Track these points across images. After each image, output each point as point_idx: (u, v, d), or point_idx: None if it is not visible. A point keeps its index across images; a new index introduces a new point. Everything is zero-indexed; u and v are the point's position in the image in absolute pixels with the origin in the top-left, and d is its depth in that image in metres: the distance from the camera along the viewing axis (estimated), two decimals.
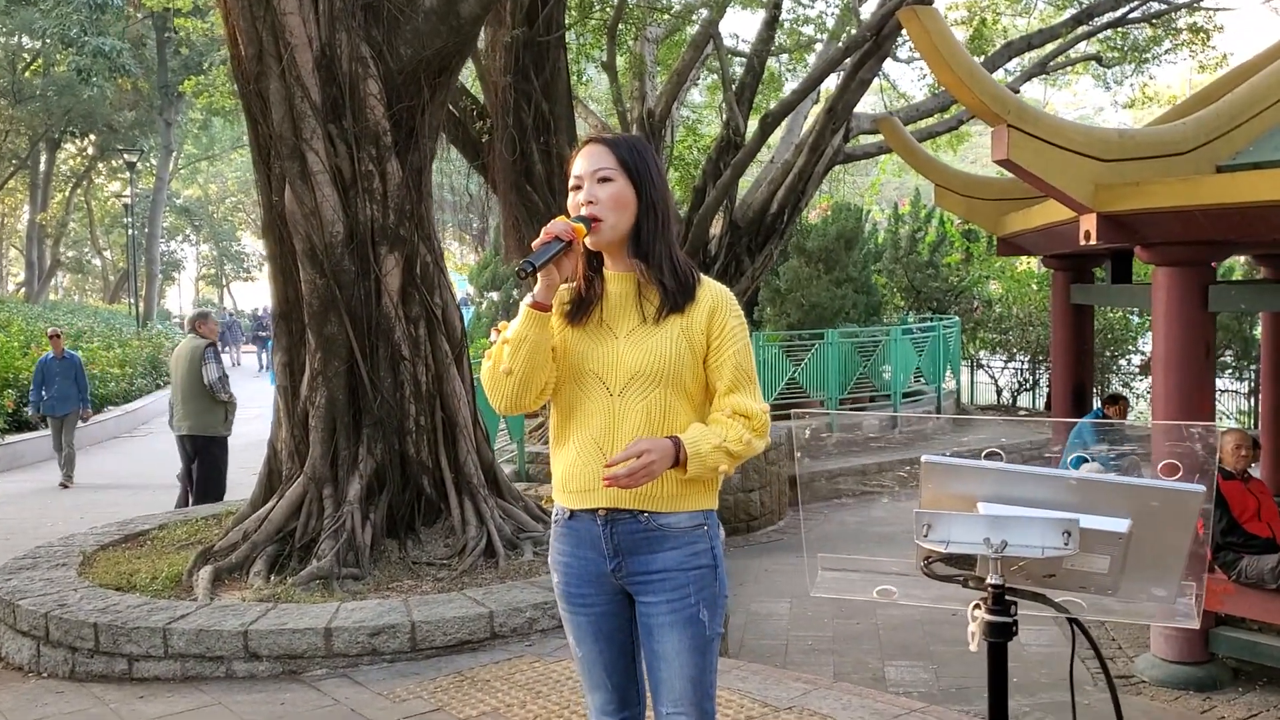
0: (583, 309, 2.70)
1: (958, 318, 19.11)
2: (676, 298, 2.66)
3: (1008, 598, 1.91)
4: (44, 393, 14.10)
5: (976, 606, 1.94)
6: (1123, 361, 18.47)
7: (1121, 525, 1.88)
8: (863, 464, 13.61)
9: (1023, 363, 19.71)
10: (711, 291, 2.71)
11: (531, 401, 2.67)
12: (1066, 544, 1.86)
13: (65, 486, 13.67)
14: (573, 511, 2.70)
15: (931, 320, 18.33)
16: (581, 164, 2.71)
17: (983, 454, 2.05)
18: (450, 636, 5.51)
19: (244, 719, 4.86)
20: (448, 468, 6.88)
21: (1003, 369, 20.23)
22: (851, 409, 15.24)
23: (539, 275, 2.56)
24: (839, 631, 8.12)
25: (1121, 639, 7.93)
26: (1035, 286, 19.58)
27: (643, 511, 2.62)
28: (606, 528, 2.64)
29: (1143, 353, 17.93)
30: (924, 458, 2.01)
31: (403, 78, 6.73)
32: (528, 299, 2.60)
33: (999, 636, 1.93)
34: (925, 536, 1.93)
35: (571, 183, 2.73)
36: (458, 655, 5.46)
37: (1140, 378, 18.04)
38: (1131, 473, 2.08)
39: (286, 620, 5.51)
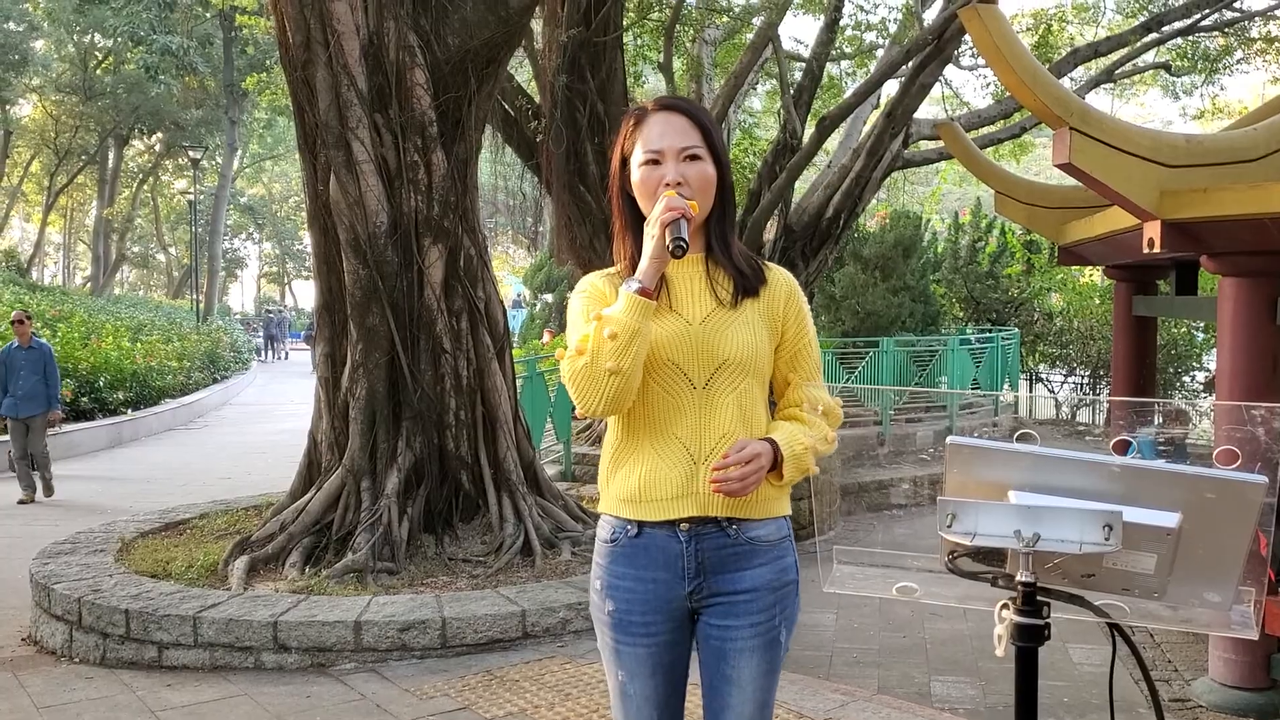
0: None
1: (1017, 330, 18.77)
2: (752, 281, 2.40)
3: (1040, 598, 1.73)
4: (7, 391, 11.53)
5: (1005, 606, 1.76)
6: (1186, 378, 18.02)
7: (1171, 520, 1.69)
8: (914, 475, 13.36)
9: (1083, 377, 19.32)
10: (784, 275, 2.48)
11: (628, 403, 2.31)
12: (1107, 539, 1.67)
13: (25, 502, 11.25)
14: (641, 527, 2.35)
15: (990, 332, 18.00)
16: (662, 136, 2.37)
17: (1015, 435, 1.87)
18: (481, 634, 5.41)
19: (269, 710, 4.79)
20: (487, 463, 6.80)
21: (1062, 383, 19.84)
22: (906, 421, 14.99)
23: (649, 258, 2.25)
24: (885, 644, 7.93)
25: (1178, 661, 7.65)
26: (1098, 300, 19.18)
27: (732, 523, 2.32)
28: (690, 544, 2.32)
29: (1207, 370, 17.49)
30: (950, 439, 1.83)
31: (450, 68, 6.67)
32: (632, 285, 2.24)
33: (1029, 640, 1.74)
34: (949, 527, 1.76)
35: (646, 156, 2.37)
36: (488, 653, 5.37)
37: (1204, 395, 17.59)
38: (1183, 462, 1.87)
39: (317, 613, 5.44)
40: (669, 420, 2.33)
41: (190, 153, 35.17)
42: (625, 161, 2.45)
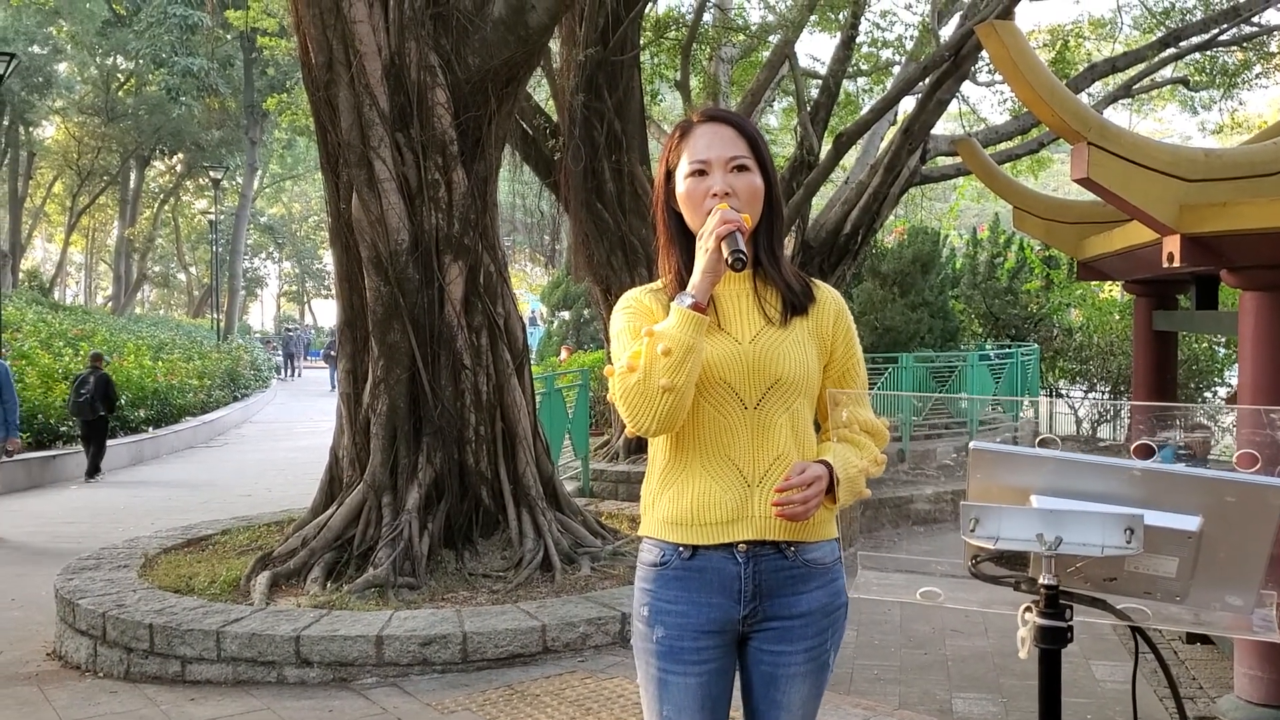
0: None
1: (1037, 345, 18.72)
2: (801, 298, 2.34)
3: (1063, 601, 1.75)
4: None
5: (1028, 609, 1.78)
6: (1208, 394, 17.93)
7: (1192, 523, 1.71)
8: (935, 491, 13.32)
9: (1103, 393, 19.24)
10: (832, 293, 2.42)
11: (680, 422, 2.22)
12: (1129, 542, 1.69)
13: None
14: (695, 550, 2.26)
15: (1009, 348, 17.98)
16: (709, 147, 2.30)
17: (1037, 440, 1.89)
18: (502, 649, 5.43)
19: None
20: (507, 479, 6.83)
21: (1083, 399, 19.76)
22: (926, 437, 14.96)
23: (702, 273, 2.18)
24: (906, 662, 7.90)
25: (1203, 678, 7.61)
26: (1117, 315, 19.13)
27: (789, 545, 2.25)
28: (748, 565, 2.24)
29: (1229, 385, 17.39)
30: (972, 444, 1.85)
31: (470, 87, 6.74)
32: (685, 300, 2.16)
33: (1052, 643, 1.76)
34: (972, 531, 1.78)
35: (692, 166, 2.30)
36: (509, 668, 5.39)
37: (1226, 412, 17.47)
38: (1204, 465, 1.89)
39: (339, 627, 5.47)
40: (721, 441, 2.26)
41: (211, 173, 35.47)
42: (670, 175, 2.38)
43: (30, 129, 39.88)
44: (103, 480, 14.48)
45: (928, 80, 12.16)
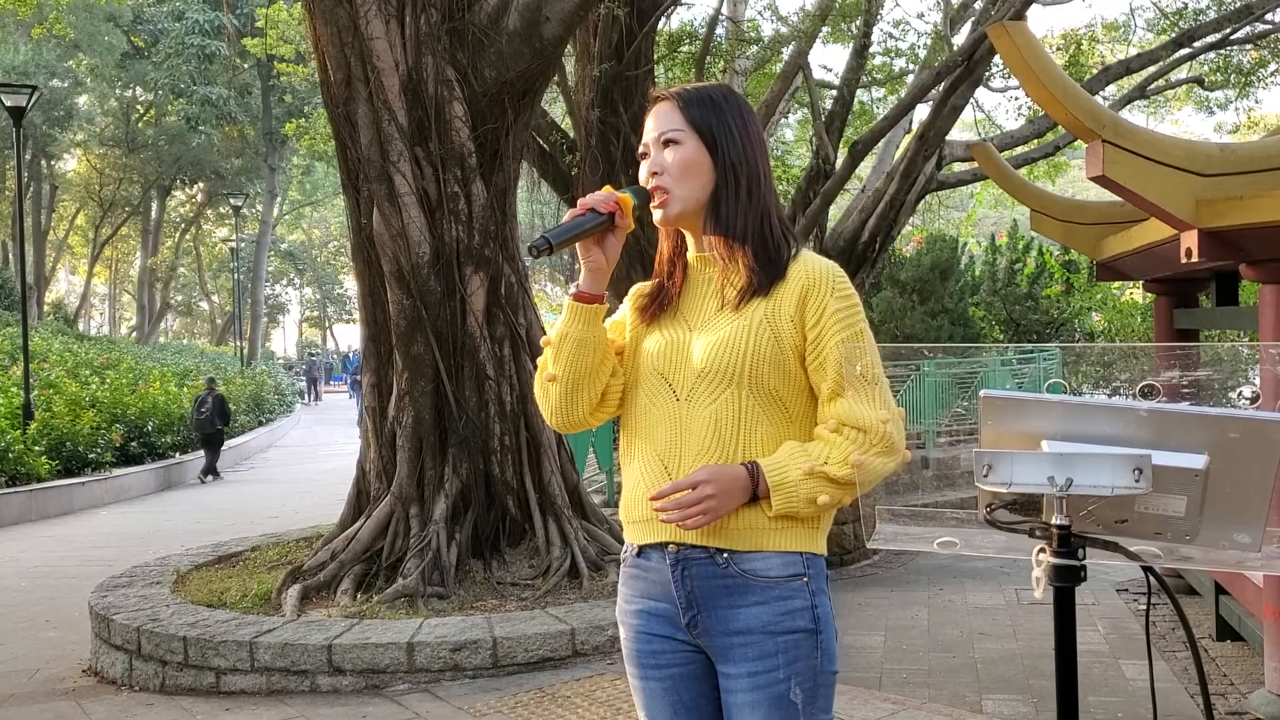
0: (663, 302, 2.19)
1: (1059, 350, 18.68)
2: (759, 277, 2.08)
3: (1074, 542, 1.80)
4: None
5: (1041, 550, 1.83)
6: (1232, 395, 17.84)
7: (1198, 461, 1.75)
8: (960, 498, 13.30)
9: (1128, 396, 19.19)
10: (807, 268, 2.09)
11: (584, 416, 2.18)
12: (1137, 481, 1.73)
13: None
14: (641, 548, 2.13)
15: (1031, 353, 17.97)
16: (648, 129, 2.17)
17: (1045, 386, 1.95)
18: (532, 653, 5.48)
19: None
20: (532, 488, 6.89)
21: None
22: (950, 444, 14.93)
23: (584, 261, 2.09)
24: (935, 665, 7.89)
25: (1234, 674, 7.58)
26: (1139, 318, 19.08)
27: (721, 551, 2.04)
28: (677, 569, 2.07)
29: (1253, 384, 17.30)
30: (983, 393, 1.90)
31: (487, 100, 6.82)
32: (570, 289, 2.13)
33: (1065, 580, 1.81)
34: (985, 478, 1.82)
35: (640, 152, 2.20)
36: (539, 672, 5.43)
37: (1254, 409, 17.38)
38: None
39: (370, 635, 5.53)
40: (653, 435, 2.12)
41: (231, 201, 35.87)
42: None
43: (52, 162, 40.33)
44: (218, 481, 17.63)
45: (942, 86, 12.21)
